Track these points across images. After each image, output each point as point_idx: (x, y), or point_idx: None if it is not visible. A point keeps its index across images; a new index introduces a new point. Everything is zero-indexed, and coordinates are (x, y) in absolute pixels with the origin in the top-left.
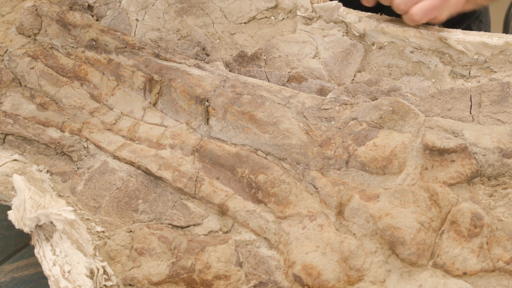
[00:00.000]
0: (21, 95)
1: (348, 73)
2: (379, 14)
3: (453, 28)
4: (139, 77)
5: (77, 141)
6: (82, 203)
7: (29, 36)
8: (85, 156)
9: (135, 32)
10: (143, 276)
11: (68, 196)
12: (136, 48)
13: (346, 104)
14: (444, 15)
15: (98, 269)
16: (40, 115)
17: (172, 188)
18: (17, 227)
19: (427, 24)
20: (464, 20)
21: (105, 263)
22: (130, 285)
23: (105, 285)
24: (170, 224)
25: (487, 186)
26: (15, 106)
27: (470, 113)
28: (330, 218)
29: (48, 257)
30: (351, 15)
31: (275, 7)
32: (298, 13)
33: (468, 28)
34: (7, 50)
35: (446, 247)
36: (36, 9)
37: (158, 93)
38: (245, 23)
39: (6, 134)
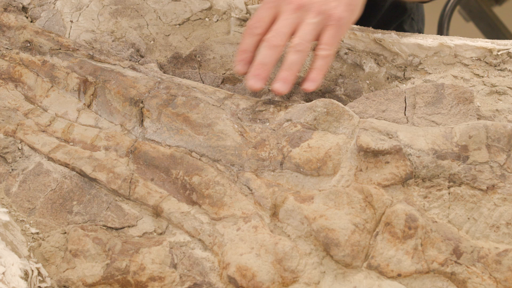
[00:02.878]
0: None
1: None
2: None
3: (385, 27)
4: (73, 79)
5: (11, 142)
6: (16, 205)
7: None
8: (20, 157)
9: (69, 33)
10: (78, 277)
11: (2, 198)
12: (71, 49)
13: (280, 106)
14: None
15: (32, 270)
16: None
17: (106, 189)
18: None
19: (362, 26)
20: (396, 19)
21: (39, 265)
22: (64, 286)
23: (39, 286)
24: (104, 225)
25: (421, 188)
26: None
27: (405, 115)
28: (264, 219)
29: None
30: None
31: (210, 8)
32: (233, 14)
33: (400, 27)
34: None
35: (380, 248)
36: None
37: (92, 95)
38: (179, 24)
39: None
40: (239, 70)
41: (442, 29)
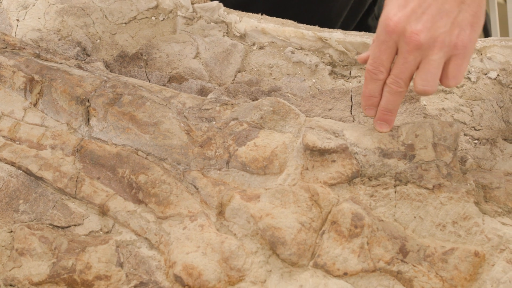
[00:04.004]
0: None
1: (228, 73)
2: (260, 14)
3: (350, 22)
4: (19, 77)
5: None
6: None
7: None
8: None
9: (16, 32)
10: (24, 276)
11: None
12: (17, 48)
13: (226, 105)
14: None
15: None
16: None
17: (53, 188)
18: None
19: (307, 24)
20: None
21: None
22: (11, 285)
23: None
24: (51, 224)
25: (367, 186)
26: None
27: (351, 113)
28: (211, 218)
29: None
30: (232, 15)
31: (156, 7)
32: (179, 13)
33: (365, 24)
34: None
35: (326, 247)
36: None
37: (39, 94)
38: (125, 23)
39: None
40: (369, 114)
41: None
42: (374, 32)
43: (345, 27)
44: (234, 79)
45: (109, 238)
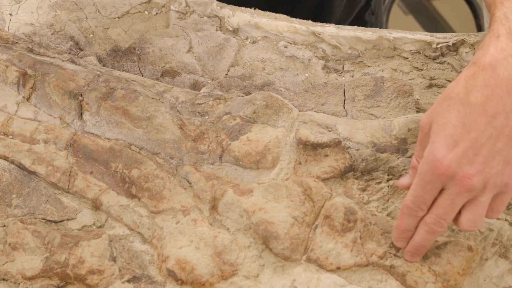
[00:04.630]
0: None
1: (221, 67)
2: (253, 8)
3: (346, 18)
4: (12, 72)
5: None
6: None
7: None
8: None
9: (8, 26)
10: (17, 270)
11: None
12: (10, 42)
13: (219, 99)
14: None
15: None
16: None
17: (45, 182)
18: None
19: (300, 19)
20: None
21: None
22: (4, 279)
23: None
24: (43, 218)
25: (360, 181)
26: None
27: (344, 108)
28: (203, 212)
29: None
30: (225, 10)
31: (149, 1)
32: (172, 7)
33: (361, 19)
34: None
35: (319, 241)
36: None
37: (31, 88)
38: (118, 17)
39: None
40: (400, 246)
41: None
42: (370, 27)
43: (341, 22)
44: (227, 74)
45: (102, 232)
